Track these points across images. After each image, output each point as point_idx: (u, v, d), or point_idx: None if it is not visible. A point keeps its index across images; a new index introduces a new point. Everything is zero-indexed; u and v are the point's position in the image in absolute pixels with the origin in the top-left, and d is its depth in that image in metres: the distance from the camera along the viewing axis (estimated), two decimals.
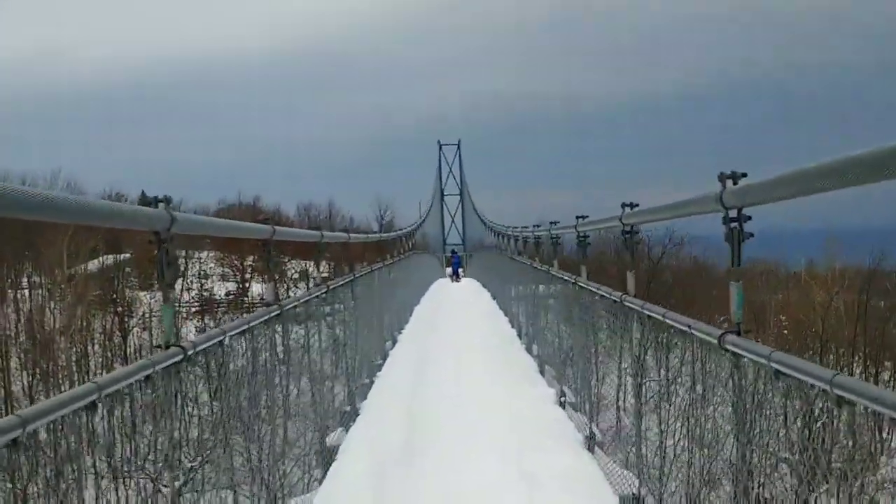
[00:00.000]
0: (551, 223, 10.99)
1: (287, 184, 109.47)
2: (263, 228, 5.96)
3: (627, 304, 5.99)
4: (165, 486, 19.06)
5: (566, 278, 9.00)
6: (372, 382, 10.31)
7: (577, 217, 8.45)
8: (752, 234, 3.84)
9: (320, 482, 6.62)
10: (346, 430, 8.01)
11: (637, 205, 6.00)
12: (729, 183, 3.79)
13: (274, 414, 5.81)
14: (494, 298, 21.23)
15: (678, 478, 5.18)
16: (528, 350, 12.46)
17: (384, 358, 12.13)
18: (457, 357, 11.68)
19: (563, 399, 8.73)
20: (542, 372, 10.66)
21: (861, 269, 41.83)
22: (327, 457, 7.13)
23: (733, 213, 3.82)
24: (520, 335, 14.19)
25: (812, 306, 40.18)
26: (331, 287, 8.49)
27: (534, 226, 14.02)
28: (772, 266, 48.80)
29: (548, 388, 9.55)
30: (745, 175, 3.79)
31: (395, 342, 13.92)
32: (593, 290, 7.28)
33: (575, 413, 8.08)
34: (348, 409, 8.84)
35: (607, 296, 6.67)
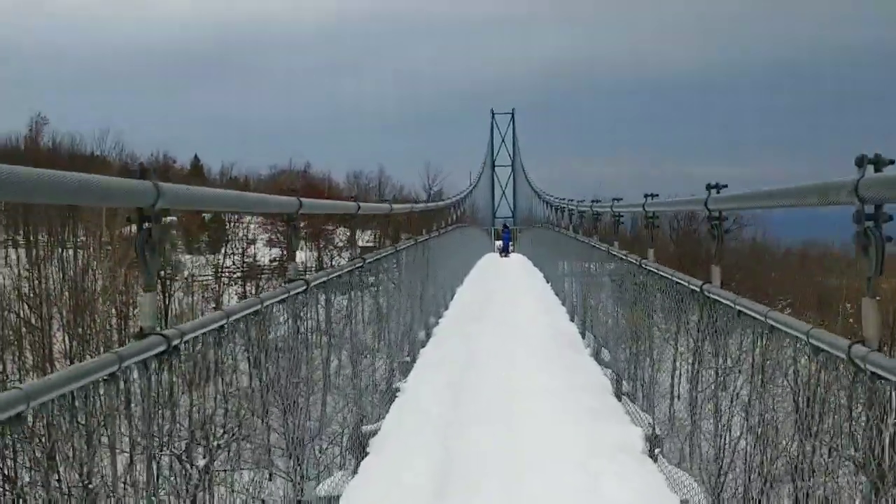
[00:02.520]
0: (613, 199, 10.59)
1: (338, 150, 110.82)
2: (288, 202, 5.34)
3: (712, 295, 5.23)
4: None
5: (631, 260, 8.36)
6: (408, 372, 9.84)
7: (646, 195, 7.86)
8: (890, 238, 3.05)
9: (354, 471, 6.49)
10: (387, 411, 7.94)
11: (725, 186, 5.06)
12: (870, 169, 3.00)
13: (296, 394, 5.49)
14: (548, 282, 20.11)
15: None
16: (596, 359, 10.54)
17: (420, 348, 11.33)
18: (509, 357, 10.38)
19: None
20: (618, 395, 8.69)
21: None
22: (362, 442, 6.98)
23: (870, 209, 3.05)
24: (582, 334, 12.35)
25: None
26: (367, 261, 8.11)
27: (592, 201, 13.69)
28: (832, 249, 47.81)
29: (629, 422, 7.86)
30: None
31: (428, 336, 12.13)
32: (667, 275, 6.60)
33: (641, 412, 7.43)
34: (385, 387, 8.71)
35: (685, 284, 5.90)
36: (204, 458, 17.30)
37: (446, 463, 6.17)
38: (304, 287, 5.50)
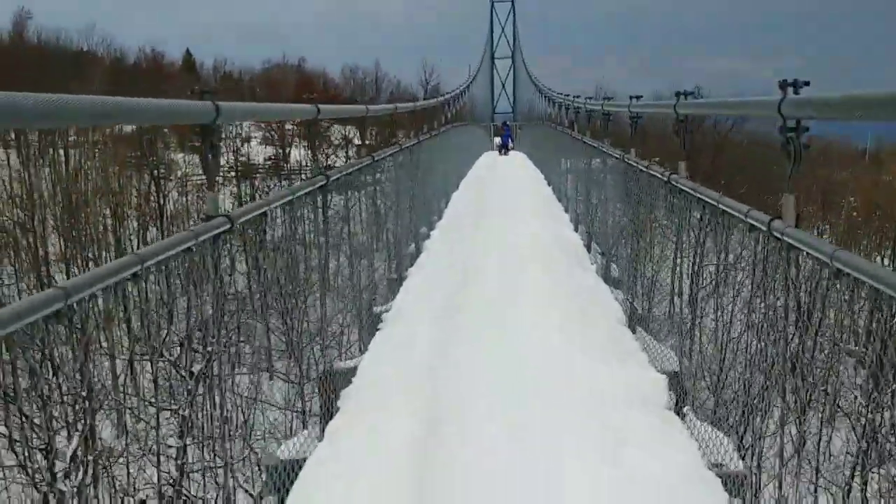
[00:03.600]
0: (604, 98, 11.28)
1: (333, 44, 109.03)
2: (308, 109, 6.09)
3: (676, 184, 6.01)
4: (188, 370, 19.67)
5: (616, 155, 9.16)
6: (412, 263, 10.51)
7: (631, 97, 8.57)
8: (807, 146, 3.85)
9: (364, 348, 7.09)
10: (393, 297, 8.65)
11: (692, 93, 6.09)
12: (790, 91, 3.73)
13: (315, 284, 6.14)
14: (550, 185, 19.55)
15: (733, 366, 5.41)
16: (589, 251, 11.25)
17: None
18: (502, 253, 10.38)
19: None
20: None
21: None
22: (374, 323, 7.69)
23: (791, 124, 3.80)
24: (588, 247, 12.02)
25: (882, 187, 39.39)
26: (376, 158, 8.76)
27: (587, 98, 14.02)
28: (834, 143, 47.85)
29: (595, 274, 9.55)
30: (807, 84, 3.72)
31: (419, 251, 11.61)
32: (642, 168, 7.34)
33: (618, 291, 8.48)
34: (394, 276, 9.53)
35: (656, 175, 6.71)
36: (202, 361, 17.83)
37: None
38: (325, 181, 6.29)
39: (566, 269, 9.27)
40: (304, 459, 5.00)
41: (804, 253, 3.79)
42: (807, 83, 3.81)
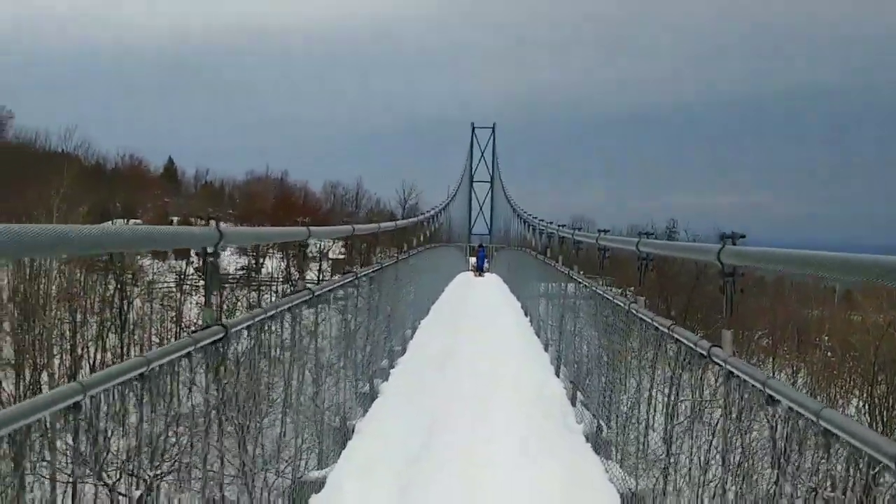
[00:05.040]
0: (574, 229, 11.77)
1: (316, 161, 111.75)
2: (301, 231, 6.70)
3: (635, 312, 6.58)
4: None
5: (582, 281, 9.85)
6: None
7: (599, 230, 9.45)
8: (742, 290, 4.65)
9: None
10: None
11: (653, 234, 7.67)
12: (728, 242, 4.40)
13: (287, 403, 6.26)
14: (527, 316, 18.32)
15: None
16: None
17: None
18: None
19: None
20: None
21: None
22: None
23: (728, 269, 4.51)
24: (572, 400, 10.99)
25: (856, 328, 39.82)
26: (360, 275, 9.08)
27: (559, 225, 14.48)
28: (806, 283, 48.72)
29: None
30: (743, 237, 4.39)
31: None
32: (608, 297, 7.99)
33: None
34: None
35: (619, 303, 7.29)
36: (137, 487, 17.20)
37: None
38: (310, 296, 6.49)
39: (547, 433, 8.24)
40: None
41: (742, 381, 4.16)
42: (743, 236, 4.43)
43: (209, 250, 4.23)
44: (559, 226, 14.43)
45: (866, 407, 34.21)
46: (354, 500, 6.25)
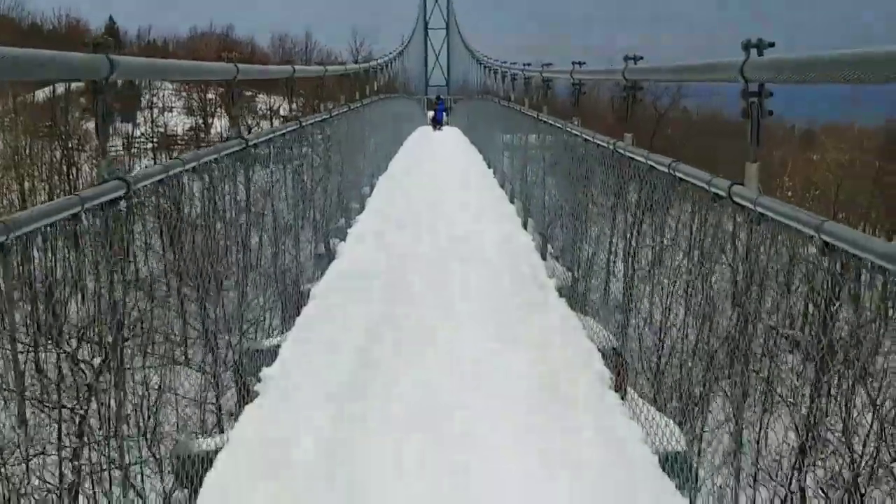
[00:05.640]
0: (543, 65, 10.74)
1: (262, 14, 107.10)
2: (226, 68, 5.68)
3: (624, 152, 5.67)
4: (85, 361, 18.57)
5: (557, 125, 8.80)
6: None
7: (573, 63, 8.14)
8: (771, 112, 3.67)
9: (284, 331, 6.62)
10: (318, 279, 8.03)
11: (641, 58, 5.69)
12: (753, 53, 3.58)
13: (236, 264, 5.74)
14: (490, 167, 17.95)
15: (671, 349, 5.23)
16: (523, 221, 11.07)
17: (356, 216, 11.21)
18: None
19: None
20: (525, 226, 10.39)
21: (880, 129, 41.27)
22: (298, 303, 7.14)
23: (754, 87, 3.64)
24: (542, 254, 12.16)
25: (820, 167, 39.82)
26: (303, 124, 8.29)
27: (524, 64, 13.66)
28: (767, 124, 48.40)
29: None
30: (772, 45, 3.56)
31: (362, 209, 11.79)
32: (587, 137, 6.98)
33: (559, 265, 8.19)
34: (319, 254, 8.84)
35: (602, 144, 6.33)
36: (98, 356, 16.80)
37: None
38: (244, 145, 5.80)
39: (518, 290, 7.64)
40: (218, 451, 4.48)
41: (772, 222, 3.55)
42: (772, 44, 3.60)
43: (99, 84, 3.50)
44: (524, 65, 13.58)
45: None
46: (307, 371, 5.60)
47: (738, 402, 4.71)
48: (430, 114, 40.25)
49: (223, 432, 4.92)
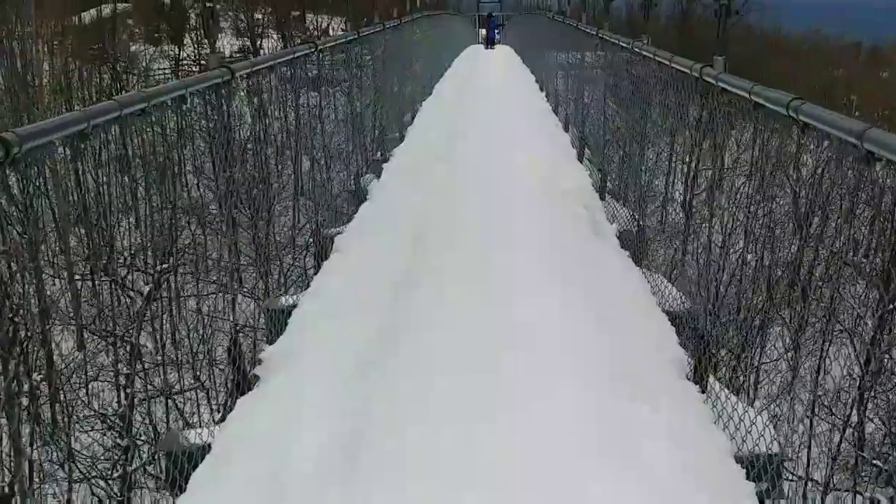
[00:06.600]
0: None
1: None
2: None
3: (640, 51, 6.39)
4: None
5: (590, 31, 8.89)
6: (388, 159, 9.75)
7: None
8: (737, 12, 3.98)
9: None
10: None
11: None
12: None
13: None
14: (543, 90, 16.91)
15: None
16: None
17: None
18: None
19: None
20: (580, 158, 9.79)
21: None
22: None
23: None
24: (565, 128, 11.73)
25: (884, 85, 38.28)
26: (362, 34, 8.98)
27: None
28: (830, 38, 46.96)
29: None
30: None
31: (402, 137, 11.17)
32: (614, 41, 7.56)
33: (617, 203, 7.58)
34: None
35: (624, 45, 6.97)
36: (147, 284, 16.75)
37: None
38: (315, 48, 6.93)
39: (572, 242, 6.54)
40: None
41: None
42: None
43: None
44: None
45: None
46: (335, 322, 5.08)
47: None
48: (482, 32, 39.20)
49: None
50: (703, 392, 4.33)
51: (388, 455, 3.59)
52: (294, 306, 5.34)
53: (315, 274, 6.18)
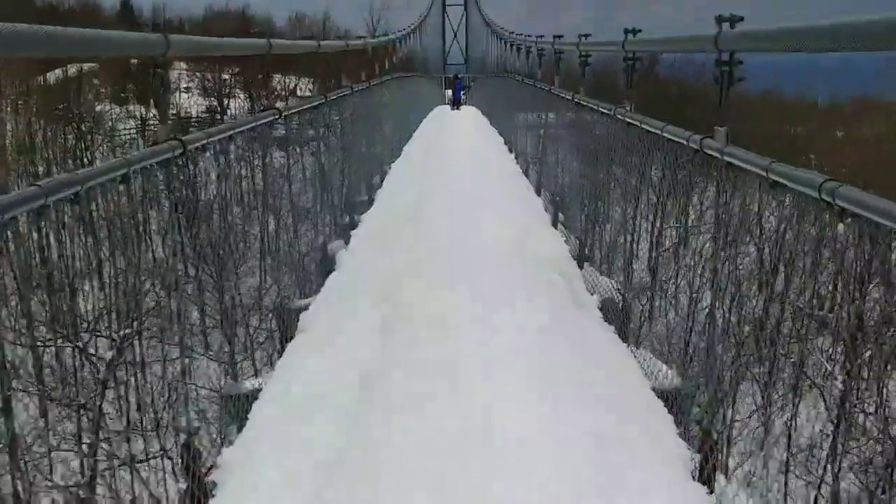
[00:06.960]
0: (555, 37, 11.17)
1: None
2: (259, 43, 6.49)
3: (623, 118, 6.34)
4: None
5: (565, 96, 9.39)
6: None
7: (580, 35, 8.77)
8: (742, 79, 4.24)
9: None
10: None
11: (640, 31, 6.40)
12: (726, 26, 4.08)
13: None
14: (512, 152, 16.49)
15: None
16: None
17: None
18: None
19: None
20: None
21: None
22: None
23: (725, 56, 4.22)
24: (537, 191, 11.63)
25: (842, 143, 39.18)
26: (329, 98, 8.86)
27: (537, 36, 14.01)
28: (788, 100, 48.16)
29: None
30: (741, 19, 4.01)
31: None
32: (592, 106, 7.67)
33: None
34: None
35: (605, 111, 6.97)
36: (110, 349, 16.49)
37: None
38: (279, 114, 6.64)
39: (561, 317, 5.97)
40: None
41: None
42: (741, 18, 4.04)
43: (157, 61, 4.09)
44: (537, 37, 14.07)
45: None
46: (297, 422, 4.62)
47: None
48: (448, 93, 39.60)
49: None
50: (711, 493, 3.94)
51: None
52: (259, 390, 5.03)
53: (279, 358, 5.81)
